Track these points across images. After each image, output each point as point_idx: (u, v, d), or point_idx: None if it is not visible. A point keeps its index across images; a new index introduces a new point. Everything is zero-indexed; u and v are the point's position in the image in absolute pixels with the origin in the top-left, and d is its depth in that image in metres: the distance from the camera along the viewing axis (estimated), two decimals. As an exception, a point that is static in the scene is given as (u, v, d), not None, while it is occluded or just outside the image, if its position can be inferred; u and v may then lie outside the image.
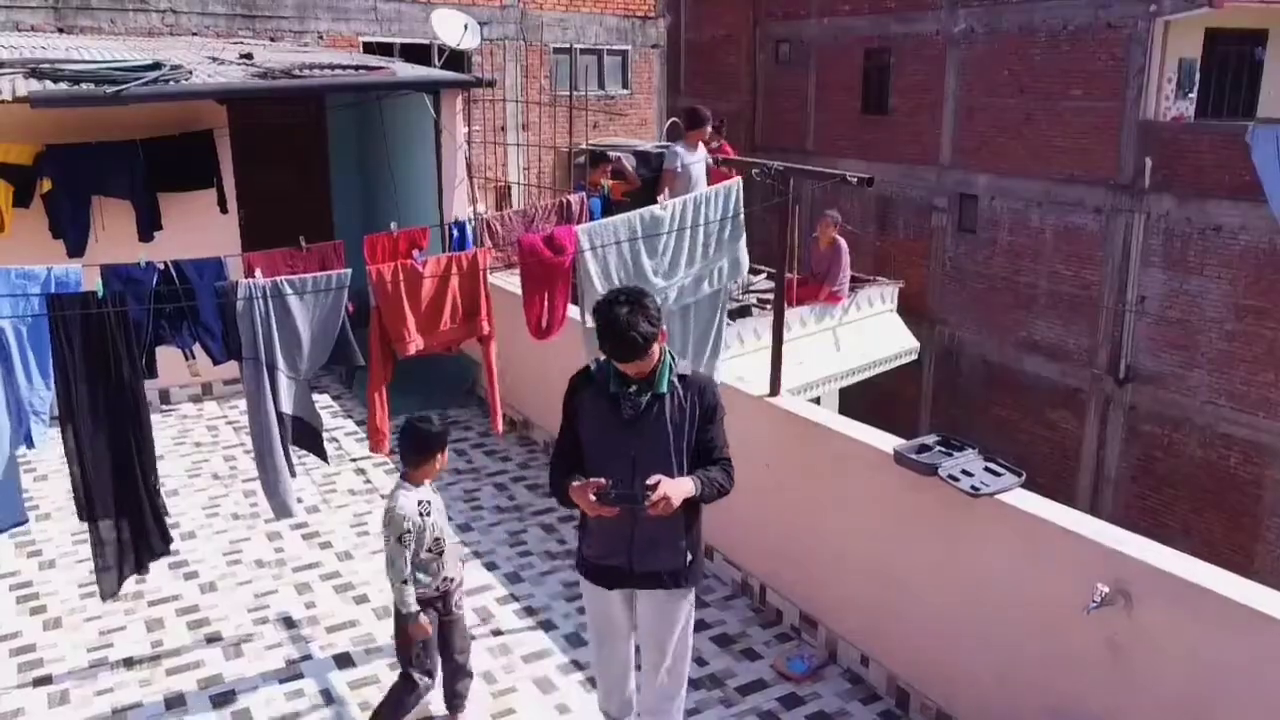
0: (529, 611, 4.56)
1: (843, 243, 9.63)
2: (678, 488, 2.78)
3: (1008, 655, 3.39)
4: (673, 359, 2.96)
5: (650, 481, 2.75)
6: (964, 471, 3.48)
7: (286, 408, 3.43)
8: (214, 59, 7.95)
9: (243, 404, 7.16)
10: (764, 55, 21.99)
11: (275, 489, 3.57)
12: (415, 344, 3.65)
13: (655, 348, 2.81)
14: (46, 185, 6.40)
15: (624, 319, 2.74)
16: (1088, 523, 3.23)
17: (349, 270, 3.53)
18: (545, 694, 3.96)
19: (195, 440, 6.64)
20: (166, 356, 3.80)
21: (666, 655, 3.14)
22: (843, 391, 9.81)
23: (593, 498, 2.77)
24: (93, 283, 3.39)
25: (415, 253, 3.71)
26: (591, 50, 16.09)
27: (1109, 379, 15.36)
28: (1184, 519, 14.10)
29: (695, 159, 6.64)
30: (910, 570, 3.76)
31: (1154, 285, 14.62)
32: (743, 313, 8.66)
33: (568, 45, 15.73)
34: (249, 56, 8.40)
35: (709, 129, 7.12)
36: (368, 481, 6.02)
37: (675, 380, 2.92)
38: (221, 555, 5.09)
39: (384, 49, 13.17)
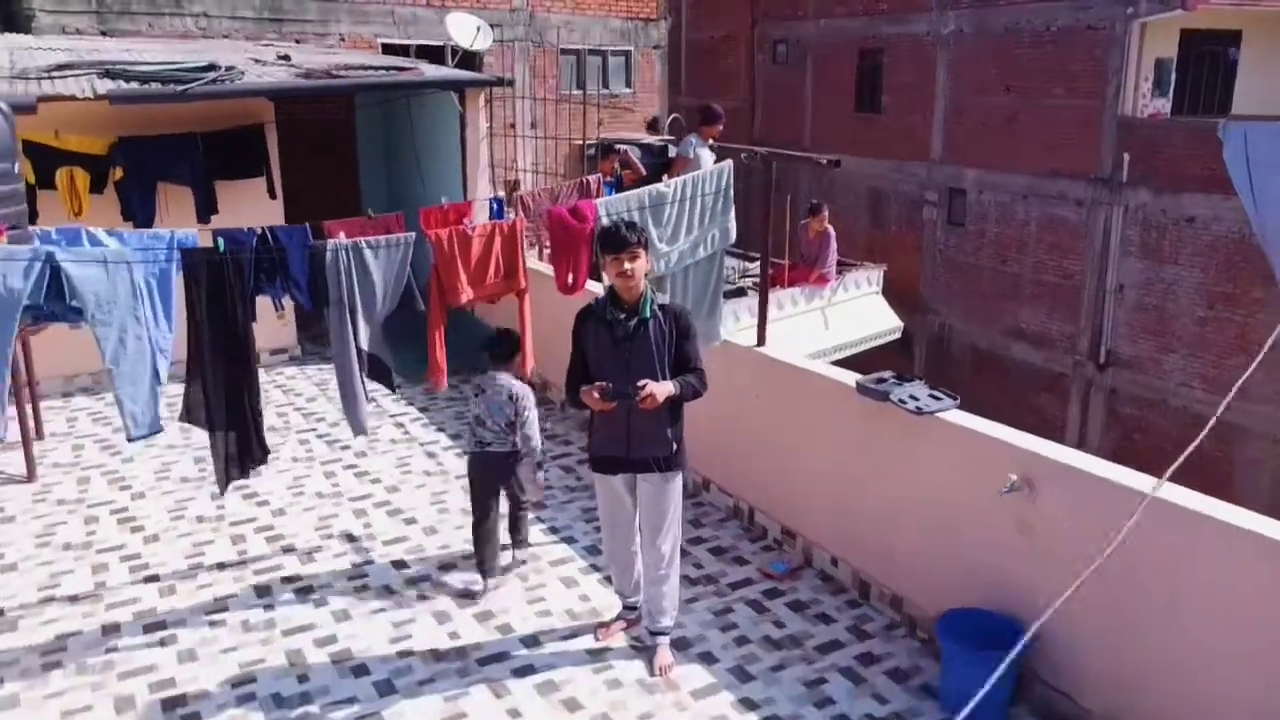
0: (553, 530, 5.42)
1: (831, 231, 10.49)
2: (661, 388, 3.68)
3: (946, 542, 4.24)
4: (653, 294, 3.84)
5: (640, 383, 3.64)
6: (911, 396, 4.33)
7: (364, 345, 4.27)
8: (256, 60, 8.80)
9: (285, 370, 8.04)
10: (762, 55, 22.85)
11: (355, 411, 4.41)
12: (466, 295, 4.50)
13: (640, 260, 3.70)
14: (119, 173, 7.25)
15: (617, 225, 3.82)
16: (1004, 431, 4.08)
17: (413, 233, 4.37)
18: (569, 589, 4.81)
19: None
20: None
21: (661, 529, 4.01)
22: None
23: (597, 395, 3.66)
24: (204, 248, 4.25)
25: (465, 221, 4.54)
26: (596, 51, 16.95)
27: (1090, 364, 16.20)
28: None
29: (705, 150, 7.53)
30: (868, 480, 4.61)
31: (1132, 274, 15.47)
32: (738, 293, 9.50)
33: (574, 47, 16.60)
34: (286, 58, 9.26)
35: (720, 126, 8.01)
36: (406, 433, 6.87)
37: (657, 309, 3.81)
38: (286, 489, 5.95)
39: (401, 50, 14.01)
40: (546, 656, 4.23)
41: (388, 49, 14.03)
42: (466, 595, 4.68)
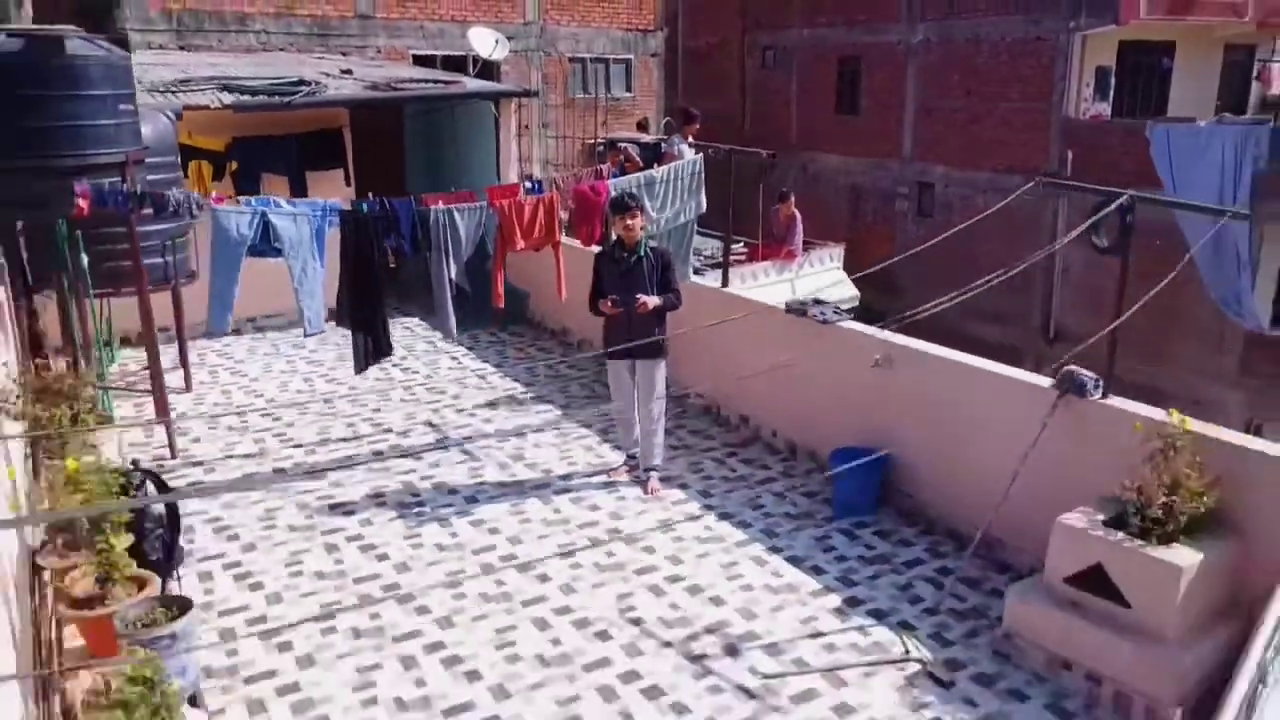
0: (583, 433, 7.56)
1: (797, 215, 12.64)
2: (651, 300, 5.85)
3: (840, 404, 6.37)
4: (646, 240, 5.98)
5: (638, 297, 5.79)
6: (820, 313, 6.47)
7: (454, 277, 6.39)
8: (328, 74, 10.95)
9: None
10: (752, 61, 24.99)
11: (446, 322, 6.55)
12: (520, 245, 6.61)
13: (638, 219, 5.85)
14: (233, 166, 9.40)
15: (622, 196, 6.05)
16: (876, 330, 6.22)
17: (484, 202, 6.48)
18: (587, 451, 6.96)
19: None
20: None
21: (651, 397, 6.15)
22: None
23: (609, 305, 5.82)
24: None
25: (517, 195, 6.64)
26: (600, 59, 19.09)
27: (1040, 339, 18.35)
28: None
29: (686, 146, 9.67)
30: (792, 372, 6.75)
31: (1075, 260, 17.60)
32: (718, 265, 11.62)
33: (581, 55, 18.74)
34: (349, 72, 11.40)
35: (696, 125, 10.16)
36: (460, 364, 9.03)
37: (649, 250, 5.96)
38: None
39: (429, 60, 16.16)
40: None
41: (418, 59, 16.18)
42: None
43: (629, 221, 5.87)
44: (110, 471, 4.04)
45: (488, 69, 15.73)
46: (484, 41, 15.82)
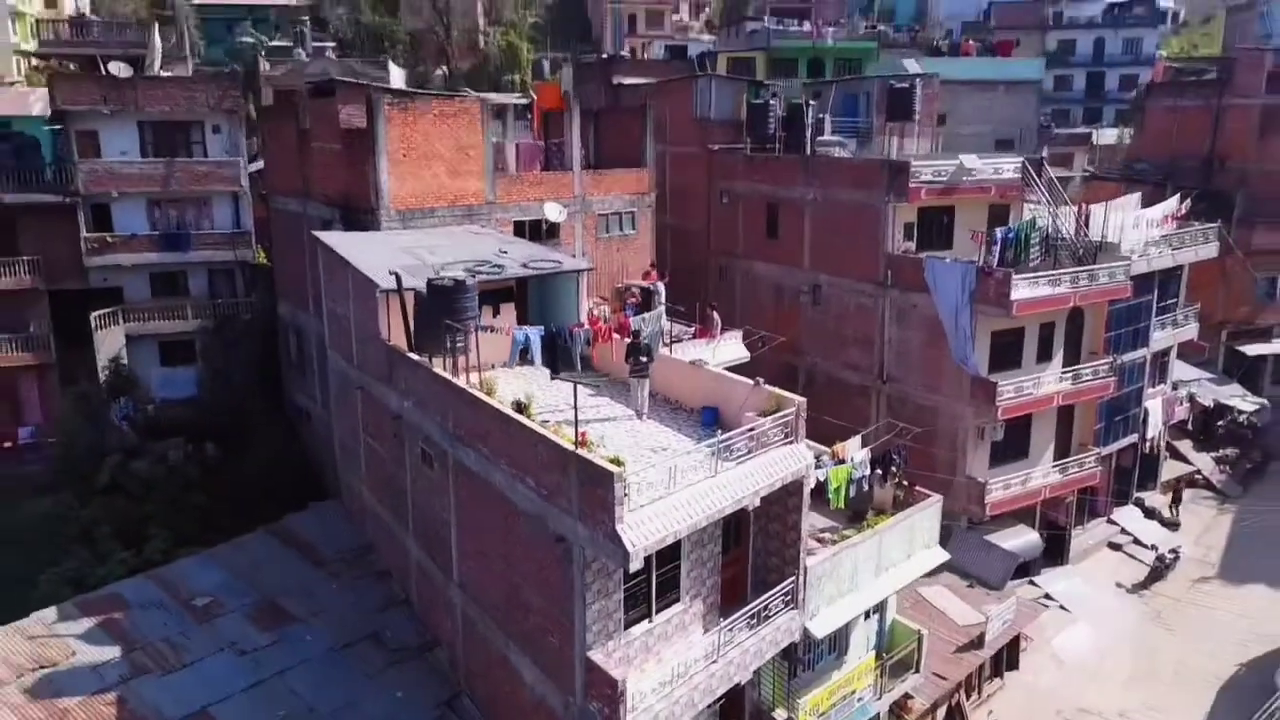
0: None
1: (717, 316, 26.05)
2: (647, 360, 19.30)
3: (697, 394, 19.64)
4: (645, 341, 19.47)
5: (641, 359, 19.23)
6: (700, 360, 19.83)
7: (577, 353, 19.57)
8: (500, 252, 24.35)
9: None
10: (713, 198, 38.62)
11: (572, 365, 19.76)
12: (599, 340, 19.72)
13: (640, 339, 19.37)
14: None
15: (637, 344, 19.44)
16: (715, 367, 19.59)
17: (586, 326, 19.58)
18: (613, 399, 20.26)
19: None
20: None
21: (644, 395, 19.45)
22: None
23: (629, 361, 19.26)
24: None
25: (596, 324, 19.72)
26: (616, 213, 32.68)
27: (878, 381, 31.69)
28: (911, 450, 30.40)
29: (661, 285, 23.07)
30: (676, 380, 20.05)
31: (893, 332, 31.04)
32: (675, 342, 25.04)
33: (605, 211, 32.35)
34: (505, 251, 24.82)
35: (654, 271, 23.59)
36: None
37: (646, 343, 19.38)
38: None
39: (521, 225, 29.67)
40: (621, 422, 19.68)
41: (516, 224, 29.65)
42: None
43: (637, 337, 19.22)
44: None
45: (554, 226, 29.27)
46: (553, 210, 29.39)
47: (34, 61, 58.67)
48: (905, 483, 21.29)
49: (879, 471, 20.42)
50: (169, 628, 20.90)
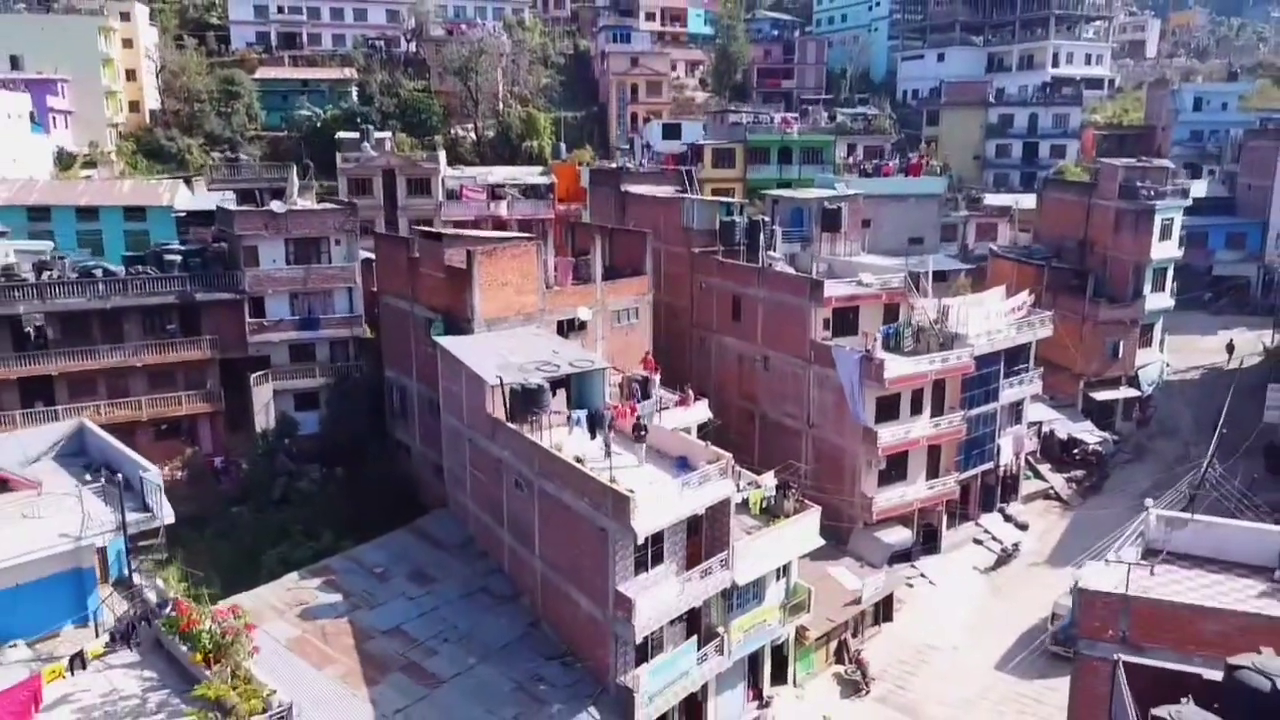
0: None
1: (690, 392, 41.49)
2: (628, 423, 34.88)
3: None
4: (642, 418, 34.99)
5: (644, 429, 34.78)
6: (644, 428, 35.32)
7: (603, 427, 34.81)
8: (555, 352, 39.78)
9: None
10: (695, 287, 54.13)
11: (602, 434, 35.05)
12: (620, 419, 34.89)
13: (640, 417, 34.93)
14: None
15: (642, 420, 35.15)
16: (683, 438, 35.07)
17: (613, 410, 34.69)
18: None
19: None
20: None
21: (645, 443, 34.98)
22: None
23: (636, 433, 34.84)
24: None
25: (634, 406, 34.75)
26: (625, 309, 48.24)
27: (807, 425, 47.09)
28: (819, 476, 45.94)
29: (655, 376, 38.44)
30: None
31: (816, 393, 46.49)
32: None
33: (618, 308, 47.89)
34: (557, 352, 40.24)
35: (647, 367, 39.08)
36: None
37: (645, 420, 34.90)
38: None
39: (561, 323, 45.16)
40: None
41: (559, 324, 45.04)
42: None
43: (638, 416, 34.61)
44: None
45: (583, 324, 44.80)
46: (585, 313, 44.95)
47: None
48: (800, 499, 36.64)
49: (782, 492, 35.80)
50: (364, 584, 36.35)
